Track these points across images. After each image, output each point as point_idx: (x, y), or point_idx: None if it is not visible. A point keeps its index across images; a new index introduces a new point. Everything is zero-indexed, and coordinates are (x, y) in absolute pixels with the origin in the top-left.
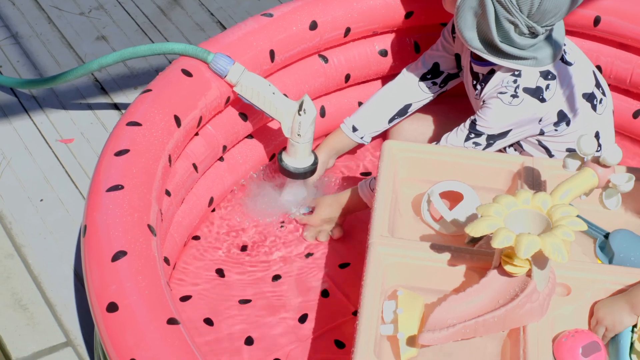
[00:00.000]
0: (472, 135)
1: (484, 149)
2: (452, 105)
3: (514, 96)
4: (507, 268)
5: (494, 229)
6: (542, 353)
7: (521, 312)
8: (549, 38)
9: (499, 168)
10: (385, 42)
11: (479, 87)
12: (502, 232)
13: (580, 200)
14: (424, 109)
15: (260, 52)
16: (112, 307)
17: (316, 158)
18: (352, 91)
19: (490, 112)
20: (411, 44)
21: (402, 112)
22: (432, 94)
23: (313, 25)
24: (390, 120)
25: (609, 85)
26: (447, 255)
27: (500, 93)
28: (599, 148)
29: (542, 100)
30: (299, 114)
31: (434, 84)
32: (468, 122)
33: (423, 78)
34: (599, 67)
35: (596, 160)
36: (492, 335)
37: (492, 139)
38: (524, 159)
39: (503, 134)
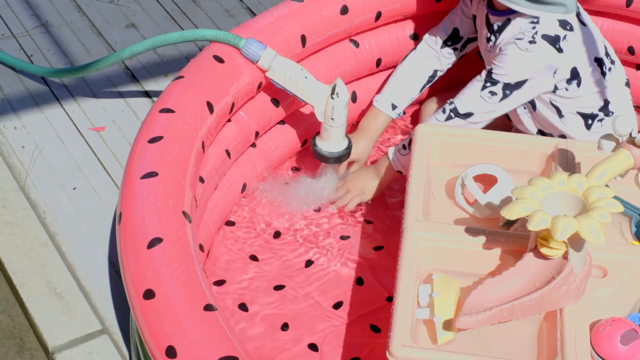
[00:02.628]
0: (488, 84)
1: (500, 100)
2: None
3: (532, 42)
4: (544, 250)
5: (530, 212)
6: (579, 336)
7: (558, 295)
8: None
9: (532, 150)
10: (416, 26)
11: (493, 38)
12: (538, 215)
13: (616, 181)
14: (454, 91)
15: (291, 36)
16: (149, 294)
17: (350, 142)
18: (384, 76)
19: (506, 59)
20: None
21: (431, 78)
22: (454, 58)
23: (344, 10)
24: (422, 89)
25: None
26: (482, 239)
27: (518, 39)
28: (611, 114)
29: (560, 49)
30: (332, 98)
31: (455, 49)
32: (484, 72)
33: (444, 45)
34: (631, 48)
35: (631, 142)
36: (529, 318)
37: (508, 88)
38: (557, 141)
39: (519, 84)
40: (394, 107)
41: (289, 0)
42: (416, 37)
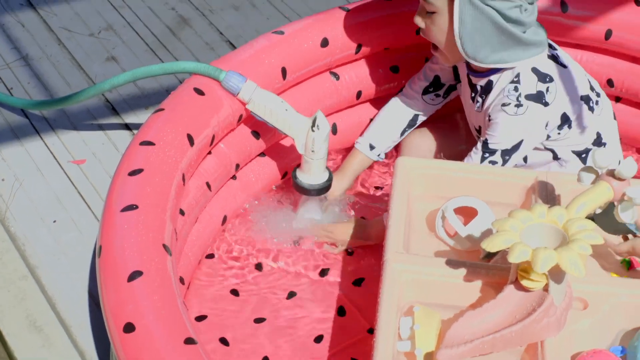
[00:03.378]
0: (487, 155)
1: (501, 166)
2: (464, 121)
3: (518, 105)
4: (524, 283)
5: (510, 244)
6: None
7: (539, 327)
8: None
9: (512, 183)
10: (397, 58)
11: (479, 99)
12: (519, 247)
13: (596, 214)
14: (435, 124)
15: (272, 69)
16: (129, 328)
17: (330, 174)
18: (364, 108)
19: (498, 127)
20: (422, 60)
21: (412, 123)
22: (437, 105)
23: (324, 42)
24: (402, 133)
25: (620, 98)
26: (462, 271)
27: (504, 105)
28: (604, 145)
29: (545, 104)
30: (313, 130)
31: (437, 95)
32: (479, 144)
33: (426, 91)
34: (610, 81)
35: (611, 174)
36: (510, 350)
37: (506, 154)
38: (537, 174)
39: (516, 147)
40: (371, 147)
41: (269, 33)
42: (396, 70)
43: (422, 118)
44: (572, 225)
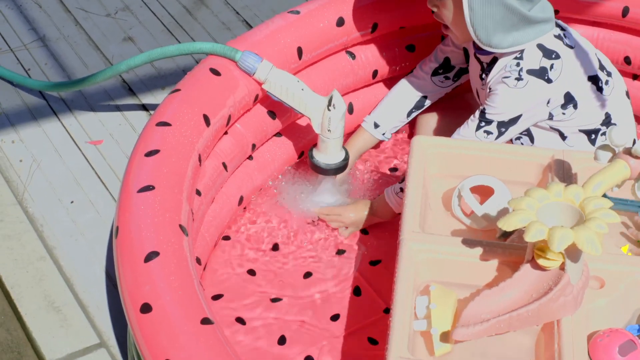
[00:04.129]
0: (483, 124)
1: (496, 138)
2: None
3: (518, 79)
4: (540, 262)
5: (527, 223)
6: (577, 347)
7: (555, 306)
8: None
9: (529, 162)
10: (413, 37)
11: (484, 76)
12: (535, 226)
13: (613, 192)
14: (450, 104)
15: (287, 49)
16: (146, 308)
17: (347, 153)
18: (380, 87)
19: (497, 98)
20: (439, 39)
21: (419, 105)
22: (446, 87)
23: (340, 22)
24: (409, 114)
25: (637, 76)
26: (479, 250)
27: (505, 77)
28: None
29: (548, 80)
30: (329, 110)
31: (447, 78)
32: (477, 112)
33: (435, 73)
34: (627, 59)
35: (628, 152)
36: (526, 329)
37: (503, 126)
38: (554, 152)
39: (513, 120)
40: (376, 125)
41: (285, 13)
42: (412, 49)
43: (429, 101)
44: (588, 203)
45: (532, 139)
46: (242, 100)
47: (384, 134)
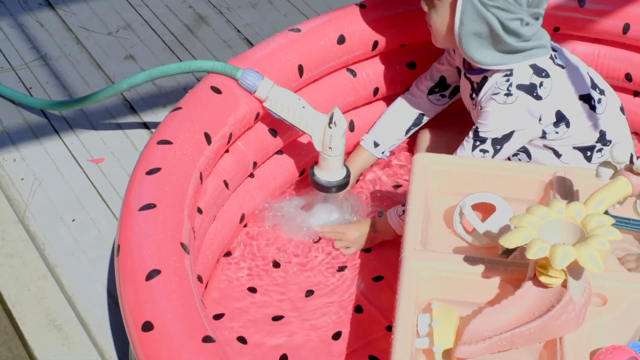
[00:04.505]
0: (478, 143)
1: (492, 156)
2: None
3: (508, 94)
4: (542, 279)
5: (528, 240)
6: None
7: (557, 323)
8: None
9: (530, 179)
10: (414, 54)
11: (475, 95)
12: (537, 243)
13: (614, 209)
14: (450, 120)
15: (288, 66)
16: (148, 326)
17: (348, 171)
18: (381, 105)
19: (488, 116)
20: (439, 56)
21: (417, 122)
22: (443, 105)
23: (341, 39)
24: (407, 132)
25: (639, 93)
26: (480, 268)
27: (494, 94)
28: (609, 143)
29: (538, 97)
30: (330, 127)
31: (443, 96)
32: (471, 132)
33: (431, 91)
34: (628, 75)
35: (629, 169)
36: (529, 347)
37: (497, 143)
38: (555, 169)
39: (506, 137)
40: (376, 144)
41: (286, 31)
42: (413, 66)
43: (427, 117)
44: (590, 220)
45: (529, 156)
46: (243, 118)
47: (383, 152)
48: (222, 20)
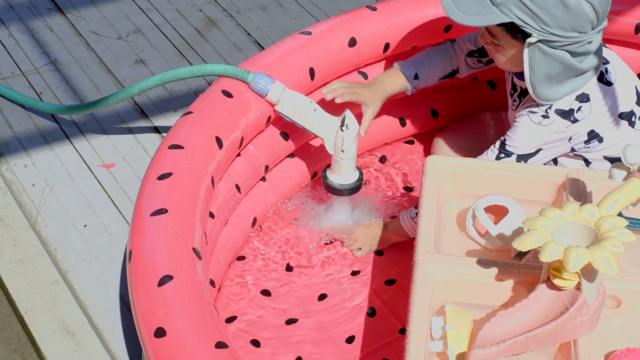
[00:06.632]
0: (502, 155)
1: None
2: (493, 121)
3: (545, 116)
4: (556, 282)
5: (542, 243)
6: None
7: (571, 326)
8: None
9: (543, 180)
10: None
11: (517, 99)
12: (550, 246)
13: (628, 210)
14: (465, 124)
15: (299, 69)
16: (160, 332)
17: (361, 174)
18: (392, 106)
19: (519, 131)
20: None
21: (450, 75)
22: (476, 69)
23: (352, 42)
24: (440, 79)
25: None
26: (494, 270)
27: (531, 112)
28: None
29: (574, 120)
30: (342, 130)
31: (480, 61)
32: (498, 142)
33: (470, 54)
34: None
35: None
36: (543, 350)
37: (522, 158)
38: (568, 171)
39: (533, 154)
40: (416, 76)
41: (296, 34)
42: None
43: (459, 75)
44: (604, 223)
45: (555, 162)
46: (254, 121)
47: (415, 87)
48: (232, 23)
